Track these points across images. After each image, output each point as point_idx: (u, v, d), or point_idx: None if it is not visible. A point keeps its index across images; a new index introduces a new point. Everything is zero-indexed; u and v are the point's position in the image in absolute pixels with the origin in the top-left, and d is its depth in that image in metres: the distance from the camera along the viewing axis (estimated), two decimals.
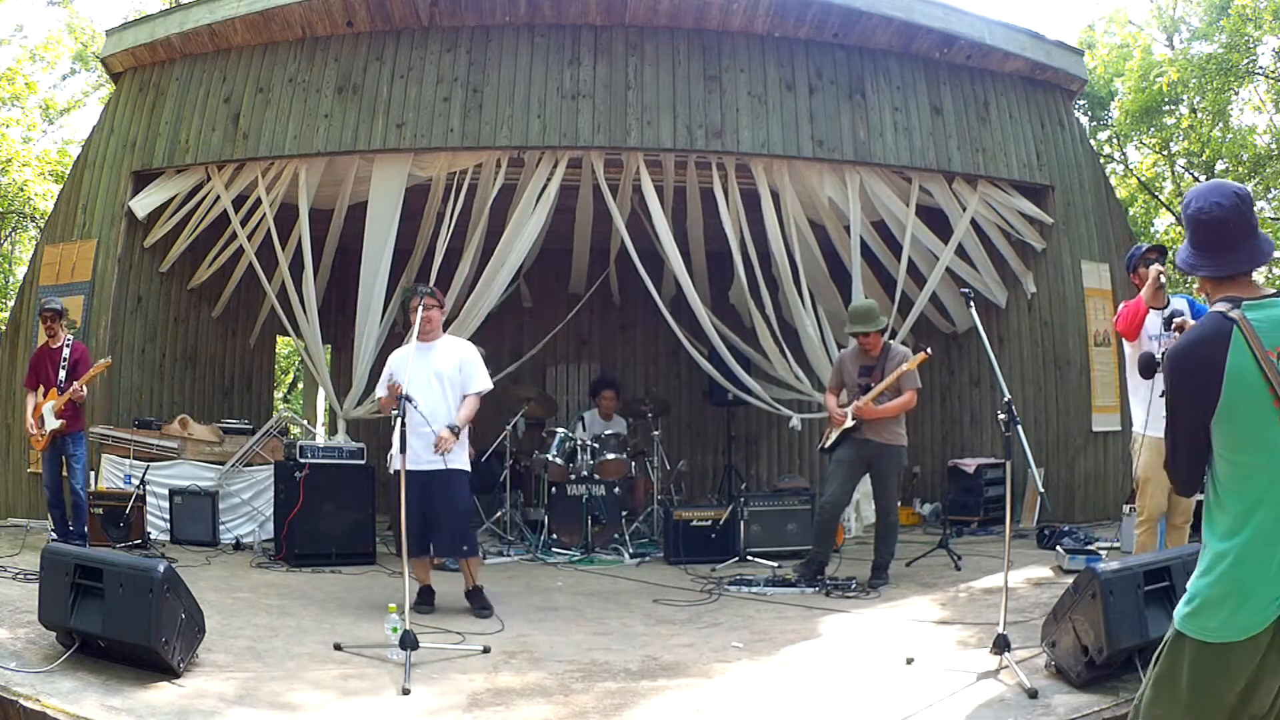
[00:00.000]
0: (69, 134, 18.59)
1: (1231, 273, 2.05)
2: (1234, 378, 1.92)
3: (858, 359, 6.01)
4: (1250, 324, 1.93)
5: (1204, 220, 2.05)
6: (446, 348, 5.22)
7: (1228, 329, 1.94)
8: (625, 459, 7.85)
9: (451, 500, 5.02)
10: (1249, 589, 1.91)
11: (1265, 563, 1.91)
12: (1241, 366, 1.92)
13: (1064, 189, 8.68)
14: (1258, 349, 1.91)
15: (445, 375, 5.06)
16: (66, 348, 6.60)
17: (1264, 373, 1.90)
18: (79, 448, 6.59)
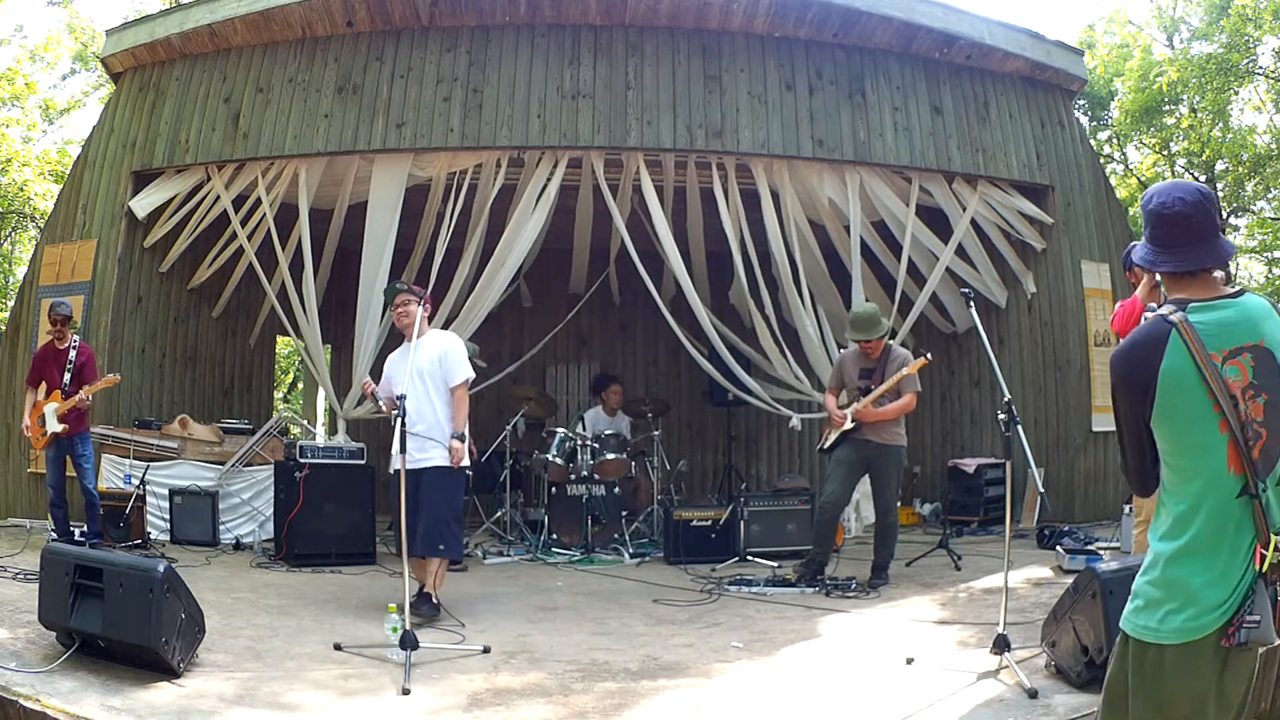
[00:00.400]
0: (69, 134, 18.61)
1: (1193, 269, 2.01)
2: (1168, 381, 1.91)
3: (858, 361, 6.01)
4: (1192, 327, 1.91)
5: (1167, 215, 2.02)
6: (429, 342, 5.19)
7: (1165, 332, 1.93)
8: (625, 459, 7.85)
9: (429, 497, 4.96)
10: (1185, 594, 1.89)
11: (1203, 569, 1.89)
12: (1177, 370, 1.91)
13: (1064, 189, 8.68)
14: (1198, 352, 1.89)
15: (425, 371, 5.04)
16: (73, 349, 6.56)
17: (1203, 376, 1.88)
18: (86, 448, 6.58)
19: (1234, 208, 16.85)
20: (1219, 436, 1.89)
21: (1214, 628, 1.86)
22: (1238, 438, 1.87)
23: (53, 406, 6.47)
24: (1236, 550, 1.88)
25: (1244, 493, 1.87)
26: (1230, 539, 1.88)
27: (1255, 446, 1.88)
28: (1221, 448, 1.89)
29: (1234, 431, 1.87)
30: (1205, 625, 1.87)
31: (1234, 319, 1.94)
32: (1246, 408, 1.88)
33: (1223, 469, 1.89)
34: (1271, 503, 1.87)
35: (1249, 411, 1.88)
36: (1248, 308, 1.97)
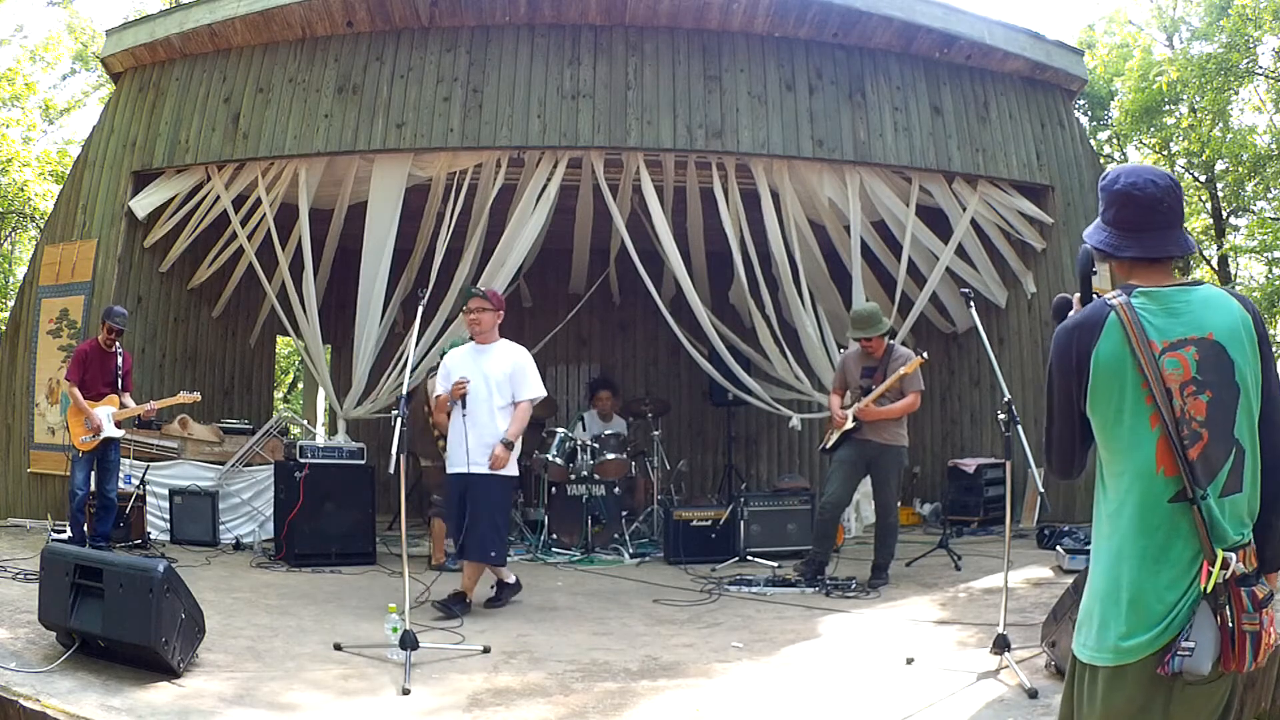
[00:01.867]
0: (69, 134, 18.61)
1: (1159, 256, 1.86)
2: (1100, 366, 1.79)
3: (860, 360, 6.02)
4: (1134, 312, 1.78)
5: (1137, 197, 1.86)
6: (501, 352, 5.24)
7: (1103, 315, 1.81)
8: (625, 459, 7.85)
9: (485, 504, 5.02)
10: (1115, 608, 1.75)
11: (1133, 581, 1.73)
12: (1112, 355, 1.78)
13: (1064, 189, 8.67)
14: (1136, 338, 1.76)
15: (494, 379, 5.09)
16: (119, 356, 6.58)
17: (1138, 364, 1.75)
18: (117, 453, 6.59)
19: (1234, 208, 16.86)
20: (1149, 431, 1.74)
21: (1147, 651, 1.69)
22: (1170, 435, 1.72)
23: (109, 410, 6.43)
24: (1176, 564, 1.71)
25: (1179, 498, 1.71)
26: (1165, 549, 1.72)
27: (1194, 448, 1.72)
28: (1150, 443, 1.74)
29: (1166, 427, 1.72)
30: (1135, 648, 1.70)
31: (1182, 308, 1.80)
32: (1184, 404, 1.73)
33: (1150, 466, 1.74)
34: (1216, 515, 1.71)
35: (1188, 409, 1.73)
36: (1200, 297, 1.82)
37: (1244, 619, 1.65)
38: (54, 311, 8.15)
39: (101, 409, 6.41)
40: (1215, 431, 1.74)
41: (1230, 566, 1.66)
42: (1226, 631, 1.65)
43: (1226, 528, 1.72)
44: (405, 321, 9.30)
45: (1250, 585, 1.68)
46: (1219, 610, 1.66)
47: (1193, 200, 18.31)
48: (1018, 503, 8.19)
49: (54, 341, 8.10)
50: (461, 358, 5.28)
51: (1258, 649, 1.66)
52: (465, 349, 5.38)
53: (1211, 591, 1.66)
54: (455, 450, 5.05)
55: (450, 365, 5.27)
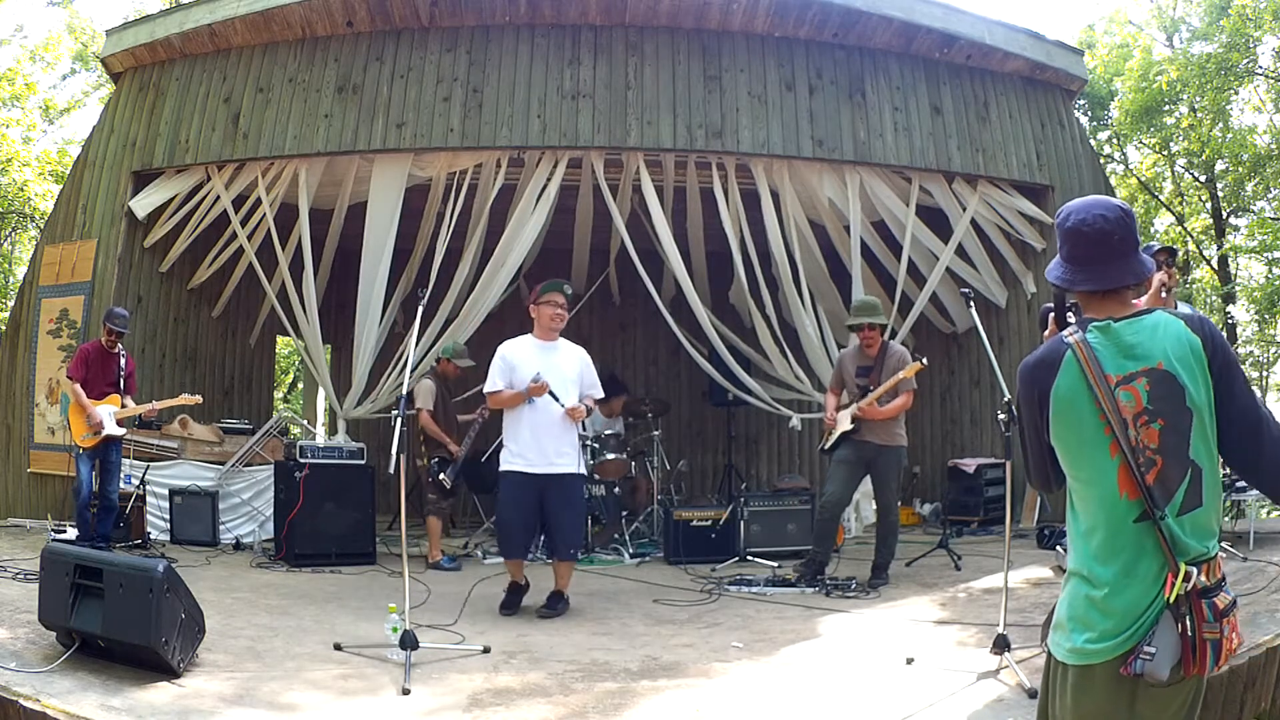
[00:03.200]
0: (69, 134, 18.63)
1: (1112, 286, 1.96)
2: (1060, 401, 1.91)
3: (856, 359, 6.03)
4: (1090, 348, 1.89)
5: (1086, 233, 1.96)
6: (568, 351, 5.22)
7: (1060, 353, 1.92)
8: (625, 459, 7.84)
9: (573, 504, 5.07)
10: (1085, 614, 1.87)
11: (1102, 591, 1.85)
12: (1070, 390, 1.89)
13: (1064, 189, 8.66)
14: (1092, 374, 1.87)
15: (571, 380, 5.08)
16: (122, 357, 6.59)
17: (1095, 398, 1.86)
18: (118, 454, 6.60)
19: (1234, 208, 16.86)
20: (1109, 460, 1.86)
21: (1111, 655, 1.82)
22: (1129, 462, 1.83)
23: (111, 409, 6.43)
24: (1144, 578, 1.82)
25: (1143, 518, 1.83)
26: (1134, 565, 1.83)
27: (1150, 473, 1.83)
28: (1112, 471, 1.86)
29: (1125, 455, 1.83)
30: (1102, 651, 1.83)
31: (1132, 341, 1.90)
32: (1138, 434, 1.84)
33: (1113, 492, 1.85)
34: (1176, 532, 1.82)
35: (1142, 438, 1.84)
36: (1149, 327, 1.91)
37: (1204, 628, 1.78)
38: (54, 311, 8.15)
39: (103, 408, 6.41)
40: (1169, 457, 1.85)
41: (1192, 579, 1.79)
42: (1187, 640, 1.77)
43: (1189, 542, 1.83)
44: (405, 321, 9.30)
45: (1211, 597, 1.80)
46: (1180, 619, 1.78)
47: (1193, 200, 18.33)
48: (1018, 503, 8.19)
49: (54, 341, 8.10)
50: (528, 354, 5.09)
51: (1219, 655, 1.79)
52: (526, 344, 5.18)
53: (1174, 602, 1.79)
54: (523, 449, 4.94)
55: (515, 359, 5.06)
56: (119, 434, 6.48)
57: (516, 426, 5.01)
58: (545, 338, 5.15)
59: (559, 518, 4.99)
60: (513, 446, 5.01)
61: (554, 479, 4.94)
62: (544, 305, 5.14)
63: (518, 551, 5.09)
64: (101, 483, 6.45)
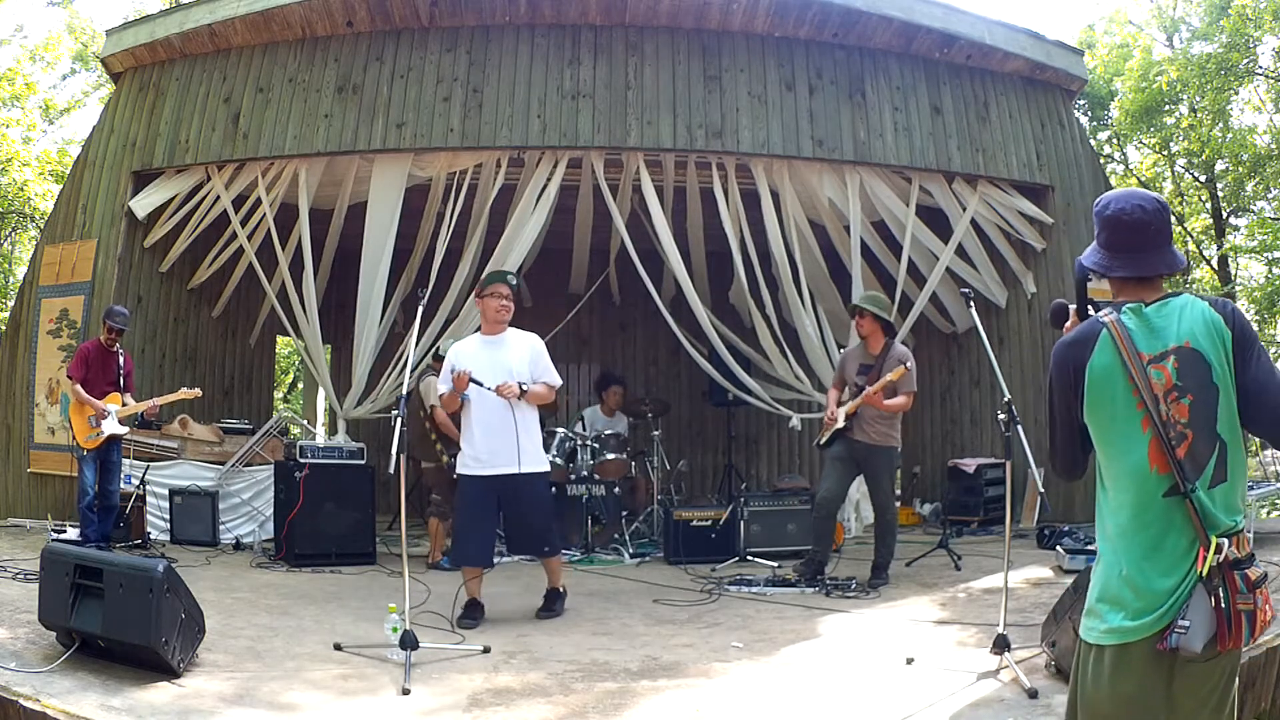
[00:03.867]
0: (69, 134, 18.63)
1: (1147, 274, 2.05)
2: (1095, 377, 1.98)
3: (858, 357, 6.03)
4: (1124, 329, 1.97)
5: (1125, 221, 2.04)
6: (515, 341, 5.00)
7: (1096, 331, 2.00)
8: (625, 459, 7.85)
9: (537, 503, 4.93)
10: (1119, 594, 1.92)
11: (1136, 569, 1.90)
12: (1105, 367, 1.97)
13: (1064, 189, 8.67)
14: (1126, 351, 1.95)
15: (514, 371, 4.84)
16: (121, 357, 6.60)
17: (1129, 374, 1.93)
18: (119, 453, 6.61)
19: (1234, 208, 16.86)
20: (1141, 435, 1.92)
21: (1149, 631, 1.86)
22: (1161, 436, 1.89)
23: (112, 408, 6.43)
24: (1174, 553, 1.87)
25: (1172, 492, 1.88)
26: (1162, 540, 1.88)
27: (1180, 447, 1.89)
28: (1143, 445, 1.92)
29: (1156, 429, 1.90)
30: (1139, 629, 1.87)
31: (1162, 323, 1.97)
32: (1169, 409, 1.91)
33: (1144, 466, 1.91)
34: (1206, 504, 1.87)
35: (1172, 413, 1.91)
36: (1176, 308, 1.99)
37: (1238, 599, 1.81)
38: (54, 311, 8.15)
39: (109, 406, 6.42)
40: (1199, 431, 1.91)
41: (1224, 551, 1.83)
42: (1221, 613, 1.81)
43: (1218, 515, 1.88)
44: (405, 321, 9.30)
45: (1244, 569, 1.84)
46: (1213, 592, 1.82)
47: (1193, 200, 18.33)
48: (1018, 503, 8.19)
49: (54, 341, 8.10)
50: (472, 351, 4.93)
51: (1254, 626, 1.83)
52: (473, 342, 5.05)
53: (1207, 575, 1.82)
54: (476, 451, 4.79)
55: (458, 361, 4.85)
56: (121, 432, 6.49)
57: (468, 428, 4.88)
58: (491, 331, 4.98)
59: (525, 519, 4.87)
60: (467, 449, 4.88)
61: (511, 479, 4.78)
62: (488, 298, 4.98)
63: (472, 559, 4.90)
64: (102, 483, 6.45)
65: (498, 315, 4.95)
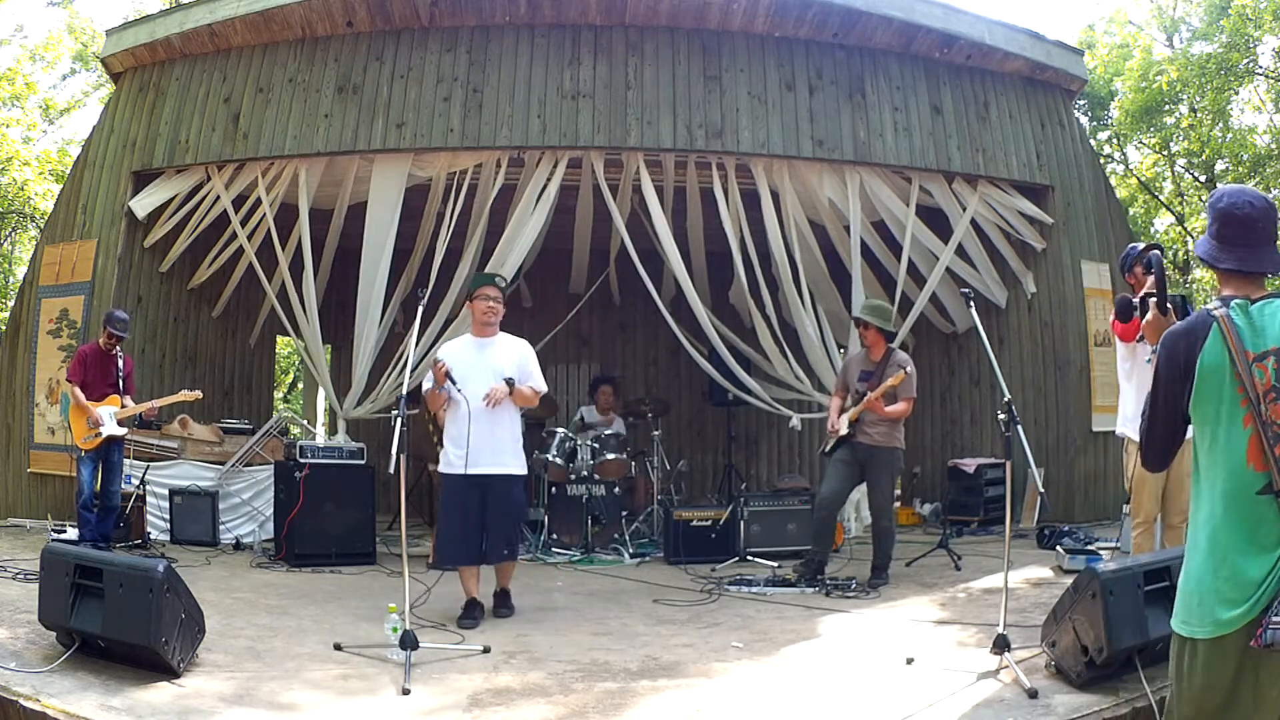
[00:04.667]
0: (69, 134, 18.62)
1: (1254, 269, 2.11)
2: (1205, 369, 2.03)
3: (860, 363, 6.04)
4: (1232, 323, 2.02)
5: (1237, 215, 2.11)
6: (505, 344, 5.07)
7: (1208, 324, 2.04)
8: (625, 459, 7.85)
9: (509, 504, 4.95)
10: (1212, 588, 1.97)
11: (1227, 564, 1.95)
12: (1214, 360, 2.01)
13: (1064, 189, 8.68)
14: (1234, 347, 1.99)
15: (503, 372, 4.90)
16: (120, 358, 6.61)
17: (1235, 370, 1.98)
18: (120, 454, 6.62)
19: None
20: (1243, 430, 1.97)
21: (1239, 624, 1.91)
22: (1261, 434, 1.94)
23: (111, 410, 6.44)
24: (1264, 548, 1.92)
25: (1267, 490, 1.93)
26: (1257, 536, 1.94)
27: (1277, 446, 1.93)
28: (1244, 440, 1.97)
29: (1257, 427, 1.94)
30: (1233, 620, 1.92)
31: (1264, 322, 2.02)
32: (1267, 409, 1.95)
33: (1242, 462, 1.96)
34: None
35: (1271, 413, 1.95)
36: (1275, 310, 2.03)
37: None
38: (54, 311, 8.15)
39: (103, 408, 6.42)
40: None
41: None
42: None
43: None
44: (405, 321, 9.29)
45: None
46: None
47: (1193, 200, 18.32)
48: (1018, 503, 8.19)
49: (54, 341, 8.10)
50: (461, 352, 4.98)
51: None
52: (463, 343, 5.10)
53: None
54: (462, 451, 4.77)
55: (451, 360, 4.89)
56: (120, 433, 6.49)
57: (450, 428, 4.93)
58: (480, 334, 5.03)
59: (497, 521, 4.90)
60: (450, 447, 4.91)
61: (489, 479, 4.84)
62: (476, 300, 5.03)
63: (458, 558, 4.95)
64: (104, 483, 6.46)
65: (485, 317, 5.01)
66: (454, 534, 4.95)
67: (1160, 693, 3.25)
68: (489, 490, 4.85)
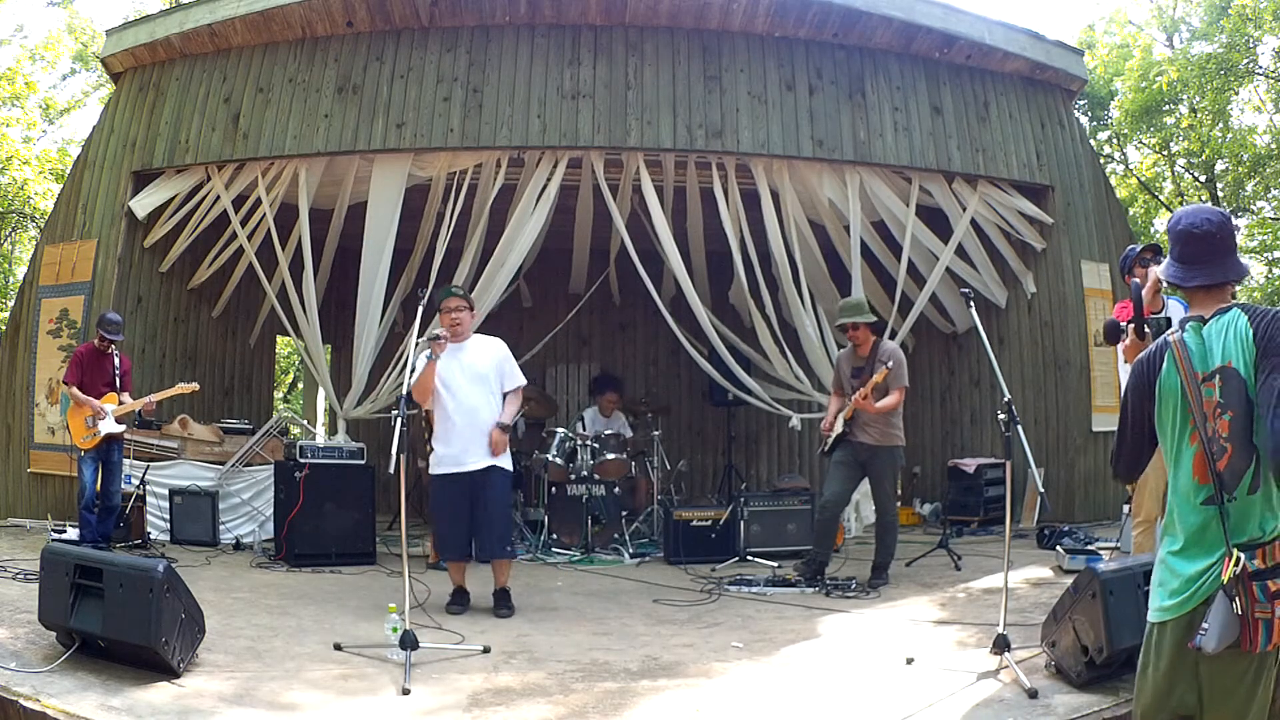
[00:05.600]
0: (69, 134, 18.63)
1: (1220, 281, 2.25)
2: (1162, 391, 2.22)
3: (850, 360, 6.04)
4: (1185, 349, 2.18)
5: (1196, 234, 2.25)
6: (478, 345, 5.27)
7: (1164, 350, 2.23)
8: (625, 459, 7.84)
9: (497, 500, 5.09)
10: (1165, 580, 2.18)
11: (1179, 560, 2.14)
12: (1169, 383, 2.20)
13: (1064, 189, 8.67)
14: (1184, 371, 2.16)
15: (483, 374, 5.12)
16: (116, 357, 6.63)
17: (1186, 391, 2.15)
18: (120, 454, 6.62)
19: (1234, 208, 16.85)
20: (1189, 447, 2.16)
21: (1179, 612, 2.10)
22: (1205, 450, 2.11)
23: (109, 407, 6.44)
24: (1208, 550, 2.09)
25: (1210, 501, 2.10)
26: (1200, 537, 2.12)
27: (1221, 460, 2.09)
28: (1190, 456, 2.16)
29: (1202, 443, 2.11)
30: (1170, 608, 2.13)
31: (1213, 343, 2.17)
32: (1214, 425, 2.11)
33: (1189, 474, 2.15)
34: (1233, 516, 2.06)
35: (1216, 429, 2.11)
36: (1223, 325, 2.17)
37: (1256, 608, 1.99)
38: (54, 311, 8.15)
39: (105, 406, 6.42)
40: (1237, 444, 2.09)
41: (1242, 563, 2.01)
42: (1242, 619, 1.99)
43: (1250, 523, 2.07)
44: (405, 321, 9.29)
45: (1265, 579, 2.01)
46: (1233, 600, 2.01)
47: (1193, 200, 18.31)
48: (1018, 503, 8.19)
49: (54, 341, 8.10)
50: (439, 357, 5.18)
51: (1271, 632, 2.00)
52: None
53: (1228, 584, 2.02)
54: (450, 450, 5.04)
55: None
56: (119, 431, 6.49)
57: (438, 428, 5.15)
58: (454, 340, 5.22)
59: (488, 514, 5.05)
60: (439, 448, 5.12)
61: (475, 476, 5.00)
62: (440, 314, 5.31)
63: (451, 553, 5.18)
64: (104, 483, 6.46)
65: (454, 330, 5.21)
66: (443, 531, 5.21)
67: None
68: (476, 486, 5.01)
